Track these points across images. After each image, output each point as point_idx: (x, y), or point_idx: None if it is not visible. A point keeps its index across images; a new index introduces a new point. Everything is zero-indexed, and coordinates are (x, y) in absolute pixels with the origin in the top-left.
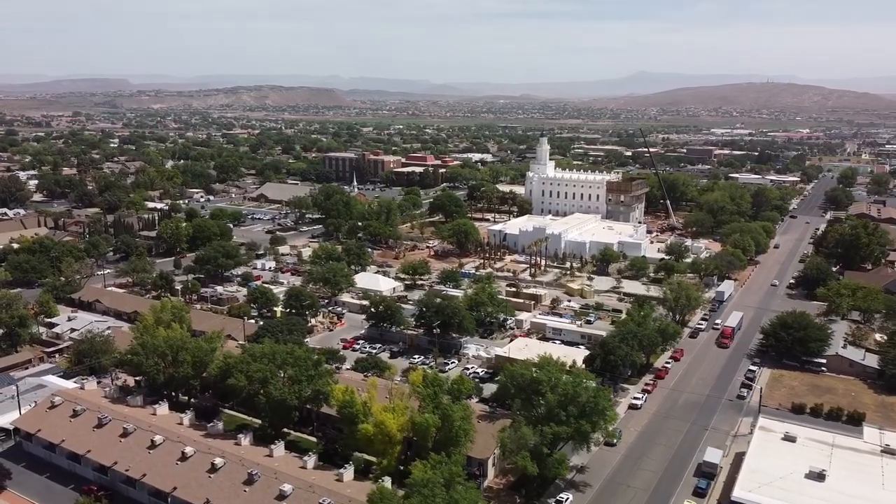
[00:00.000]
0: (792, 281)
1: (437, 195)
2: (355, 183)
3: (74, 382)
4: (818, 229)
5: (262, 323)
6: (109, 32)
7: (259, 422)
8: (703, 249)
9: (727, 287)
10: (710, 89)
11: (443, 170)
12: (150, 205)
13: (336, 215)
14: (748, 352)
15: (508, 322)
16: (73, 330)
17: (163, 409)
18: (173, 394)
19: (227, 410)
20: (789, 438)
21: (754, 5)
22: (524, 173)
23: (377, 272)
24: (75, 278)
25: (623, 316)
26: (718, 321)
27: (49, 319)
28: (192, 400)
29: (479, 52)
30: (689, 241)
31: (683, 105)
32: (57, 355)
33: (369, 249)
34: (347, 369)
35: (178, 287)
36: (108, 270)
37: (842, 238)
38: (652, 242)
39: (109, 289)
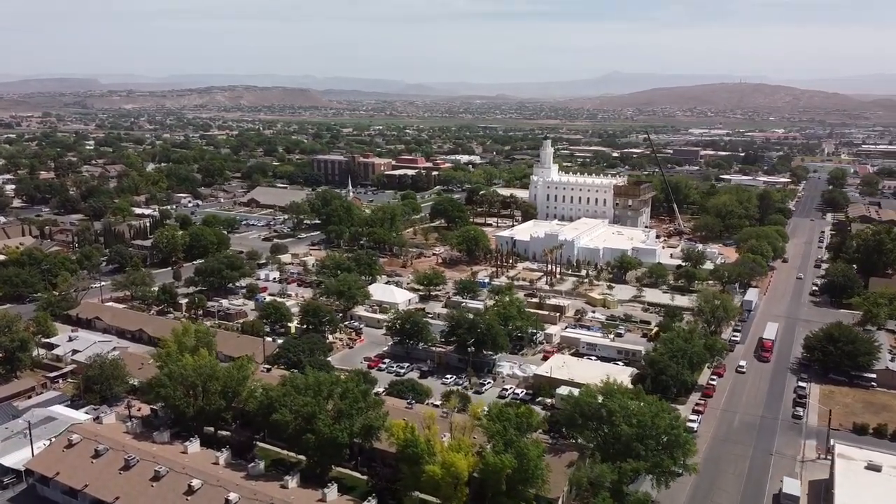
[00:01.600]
0: (815, 288)
1: (439, 200)
2: (350, 187)
3: (86, 413)
4: (823, 232)
5: (280, 342)
6: (77, 31)
7: (296, 456)
8: (717, 255)
9: (753, 295)
10: (685, 89)
11: (435, 172)
12: (138, 211)
13: (337, 221)
14: (790, 366)
15: (537, 336)
16: (74, 351)
17: (194, 446)
18: (202, 427)
19: (260, 444)
20: (874, 468)
21: (723, 7)
22: (519, 176)
23: (387, 282)
24: (71, 293)
25: (653, 328)
26: (764, 334)
27: (47, 340)
28: (221, 432)
29: (454, 52)
30: (700, 246)
31: (659, 105)
32: (60, 380)
33: (363, 255)
34: (378, 392)
35: (182, 301)
36: (103, 283)
37: (865, 244)
38: (663, 248)
39: (108, 304)
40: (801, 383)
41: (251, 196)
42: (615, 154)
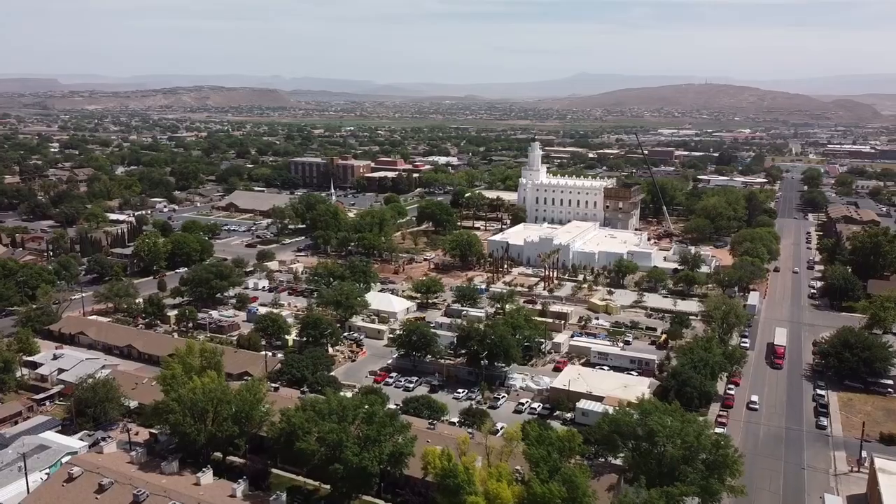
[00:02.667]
0: (813, 291)
1: (426, 203)
2: (332, 190)
3: (80, 440)
4: (809, 233)
5: (281, 357)
6: (35, 30)
7: (314, 483)
8: (711, 258)
9: (755, 299)
10: (652, 90)
11: (416, 175)
12: (112, 216)
13: (324, 227)
14: (803, 372)
15: (544, 346)
16: (60, 371)
17: (207, 477)
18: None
19: (274, 470)
20: None
21: (687, 10)
22: (501, 177)
23: (382, 290)
24: (51, 306)
25: (660, 335)
26: (774, 340)
27: (29, 358)
28: (230, 458)
29: (423, 52)
30: (693, 249)
31: (627, 106)
32: (47, 403)
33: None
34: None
35: (170, 313)
36: (82, 295)
37: (862, 246)
38: (657, 250)
39: (92, 318)
40: (819, 391)
41: (229, 200)
42: (592, 155)
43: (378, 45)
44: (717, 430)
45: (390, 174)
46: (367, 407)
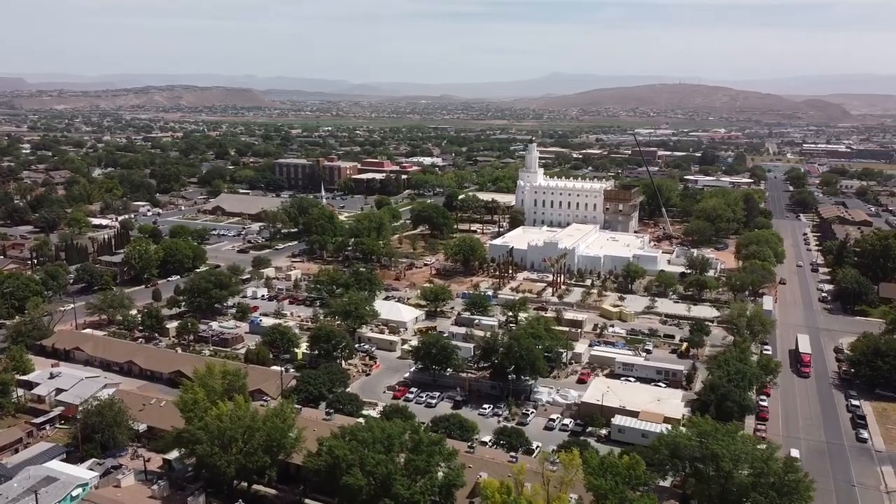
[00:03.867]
0: (824, 294)
1: (423, 206)
2: (323, 193)
3: (90, 468)
4: (806, 234)
5: (294, 373)
6: None
7: None
8: (716, 261)
9: (769, 304)
10: (627, 90)
11: (404, 176)
12: (95, 221)
13: (320, 231)
14: (831, 381)
15: (564, 356)
16: (59, 390)
17: None
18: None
19: (308, 501)
20: None
21: (657, 11)
22: (490, 178)
23: (386, 298)
24: (42, 320)
25: (679, 342)
26: (800, 348)
27: (24, 377)
28: (256, 487)
29: (397, 52)
30: (695, 251)
31: (602, 105)
32: (48, 426)
33: (363, 270)
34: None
35: (170, 326)
36: (71, 306)
37: (872, 248)
38: (661, 253)
39: (86, 331)
40: (853, 401)
41: (216, 203)
42: (577, 155)
43: (351, 45)
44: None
45: (378, 176)
46: (411, 433)
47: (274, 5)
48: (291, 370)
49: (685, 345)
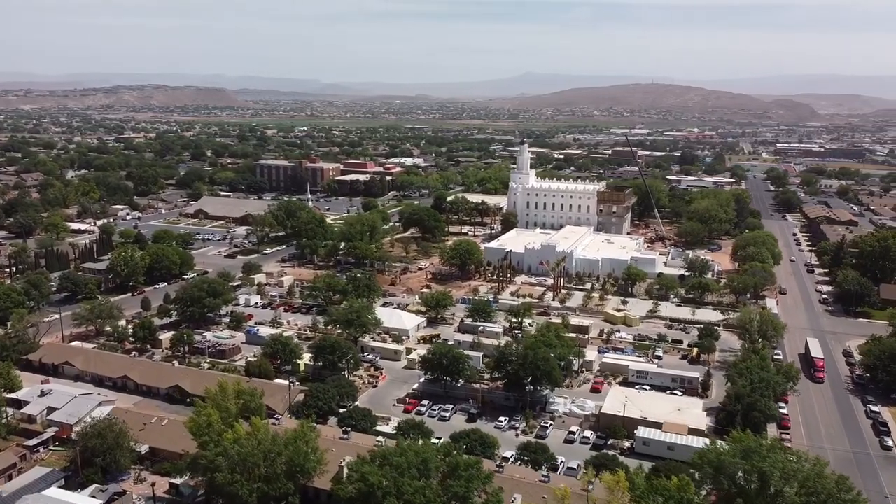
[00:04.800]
0: (824, 296)
1: (414, 208)
2: (309, 195)
3: (92, 496)
4: (795, 234)
5: (303, 388)
6: None
7: None
8: (713, 263)
9: (773, 307)
10: (601, 90)
11: (388, 177)
12: (73, 226)
13: (310, 235)
14: (845, 386)
15: (576, 364)
16: (51, 409)
17: None
18: None
19: None
20: None
21: (627, 12)
22: (476, 179)
23: (384, 304)
24: (27, 333)
25: (687, 347)
26: (812, 353)
27: (12, 395)
28: None
29: (369, 51)
30: (690, 253)
31: (577, 105)
32: (41, 449)
33: (361, 275)
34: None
35: (162, 336)
36: (56, 316)
37: (871, 249)
38: (658, 255)
39: (74, 344)
40: (871, 407)
41: (198, 207)
42: (558, 155)
43: (323, 44)
44: None
45: (362, 177)
46: (446, 456)
47: (241, 4)
48: (296, 384)
49: (695, 350)
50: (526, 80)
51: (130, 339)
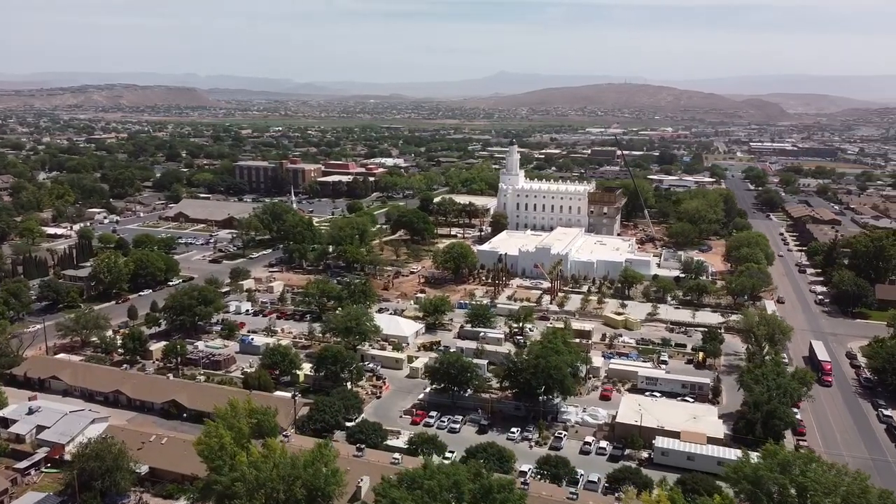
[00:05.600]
0: (820, 297)
1: (403, 210)
2: (293, 197)
3: None
4: (782, 234)
5: (308, 402)
6: None
7: None
8: (707, 264)
9: (772, 309)
10: (574, 90)
11: (371, 178)
12: (49, 231)
13: (298, 239)
14: (853, 389)
15: (582, 370)
16: (40, 428)
17: None
18: None
19: None
20: None
21: (599, 12)
22: (461, 180)
23: (379, 310)
24: (10, 345)
25: (691, 351)
26: (818, 356)
27: None
28: None
29: (343, 51)
30: (682, 254)
31: (551, 105)
32: (33, 471)
33: (346, 279)
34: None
35: (153, 347)
36: (38, 327)
37: (866, 250)
38: (653, 257)
39: (61, 357)
40: (882, 411)
41: (178, 210)
42: (538, 155)
43: (296, 43)
44: None
45: (344, 178)
46: (479, 478)
47: (215, 3)
48: (298, 396)
49: (701, 354)
50: (500, 79)
51: (119, 350)
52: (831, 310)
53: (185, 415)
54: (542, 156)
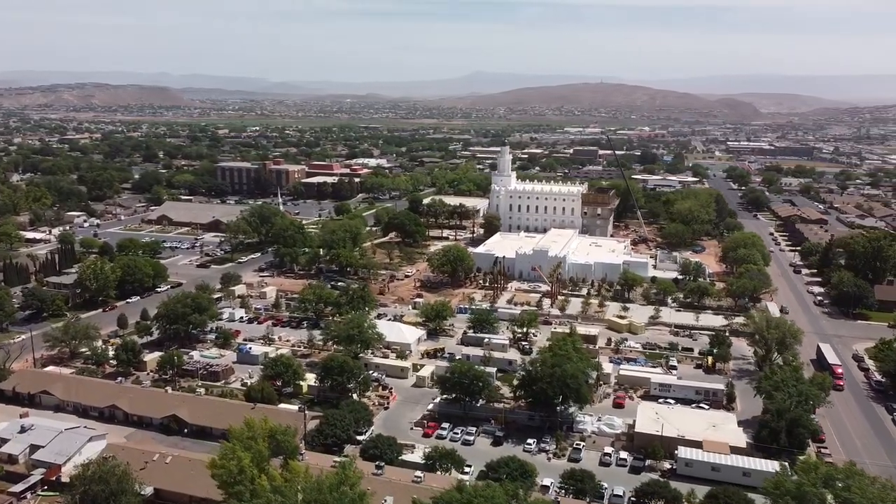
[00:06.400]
0: (819, 298)
1: (394, 212)
2: (280, 199)
3: None
4: (773, 234)
5: (317, 415)
6: None
7: None
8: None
9: (775, 311)
10: (551, 89)
11: (357, 179)
12: (28, 235)
13: (289, 242)
14: (865, 393)
15: (592, 377)
16: (34, 447)
17: None
18: None
19: None
20: None
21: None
22: (448, 180)
23: (378, 316)
24: None
25: (698, 355)
26: (828, 359)
27: None
28: None
29: (318, 50)
30: (677, 255)
31: (528, 104)
32: (28, 495)
33: (342, 283)
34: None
35: (147, 358)
36: (22, 337)
37: (864, 250)
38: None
39: (49, 370)
40: None
41: (161, 212)
42: (522, 155)
43: (270, 43)
44: None
45: (329, 179)
46: (512, 499)
47: (188, 1)
48: (305, 409)
49: (710, 359)
50: (476, 79)
51: (111, 361)
52: (832, 311)
53: (185, 430)
54: (526, 155)
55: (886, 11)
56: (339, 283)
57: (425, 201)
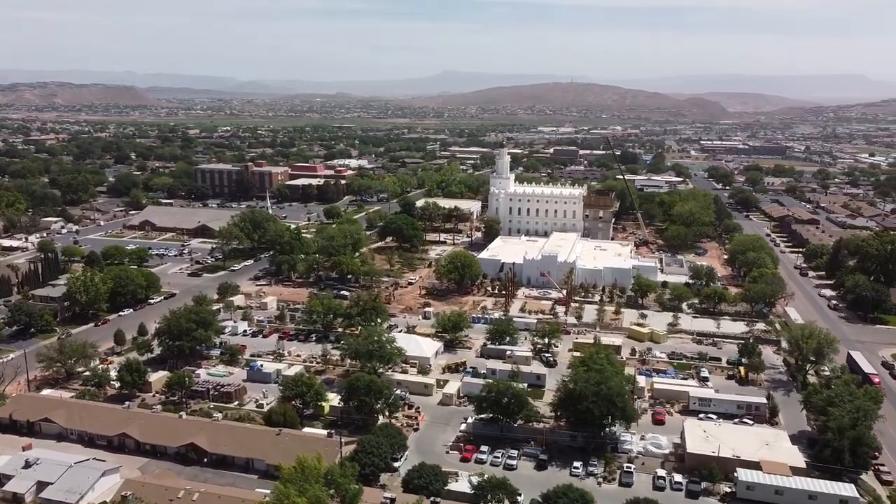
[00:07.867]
0: (833, 302)
1: (391, 216)
2: (269, 203)
3: None
4: (770, 235)
5: (351, 440)
6: None
7: None
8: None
9: (795, 316)
10: (522, 88)
11: (343, 181)
12: (4, 243)
13: (287, 249)
14: None
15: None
16: (41, 485)
17: None
18: None
19: None
20: None
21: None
22: (436, 181)
23: (388, 327)
24: None
25: (727, 365)
26: (863, 368)
27: None
28: None
29: (287, 49)
30: (683, 258)
31: (500, 104)
32: None
33: (346, 293)
34: None
35: (152, 378)
36: (11, 357)
37: (877, 253)
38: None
39: (47, 393)
40: None
41: (143, 217)
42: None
43: (238, 42)
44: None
45: (314, 181)
46: None
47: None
48: (336, 435)
49: (742, 369)
50: (447, 78)
51: (114, 382)
52: (848, 315)
53: (205, 459)
54: (510, 156)
55: (845, 16)
56: (343, 292)
57: (418, 204)
